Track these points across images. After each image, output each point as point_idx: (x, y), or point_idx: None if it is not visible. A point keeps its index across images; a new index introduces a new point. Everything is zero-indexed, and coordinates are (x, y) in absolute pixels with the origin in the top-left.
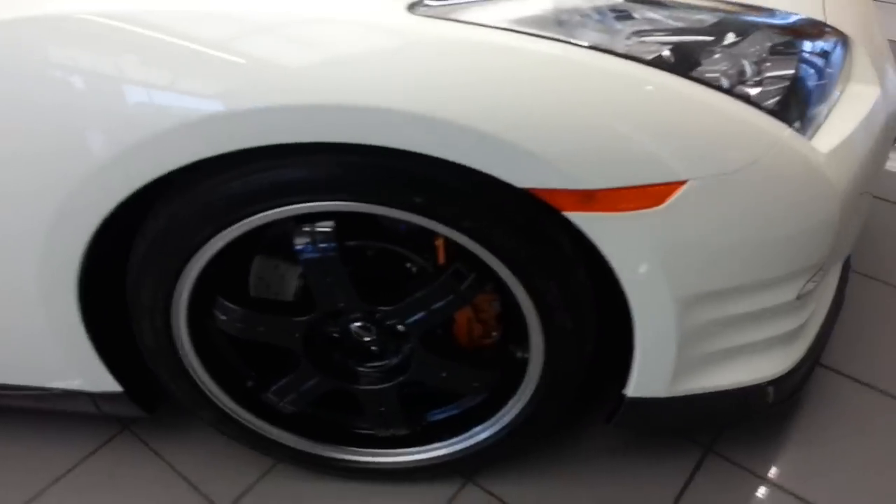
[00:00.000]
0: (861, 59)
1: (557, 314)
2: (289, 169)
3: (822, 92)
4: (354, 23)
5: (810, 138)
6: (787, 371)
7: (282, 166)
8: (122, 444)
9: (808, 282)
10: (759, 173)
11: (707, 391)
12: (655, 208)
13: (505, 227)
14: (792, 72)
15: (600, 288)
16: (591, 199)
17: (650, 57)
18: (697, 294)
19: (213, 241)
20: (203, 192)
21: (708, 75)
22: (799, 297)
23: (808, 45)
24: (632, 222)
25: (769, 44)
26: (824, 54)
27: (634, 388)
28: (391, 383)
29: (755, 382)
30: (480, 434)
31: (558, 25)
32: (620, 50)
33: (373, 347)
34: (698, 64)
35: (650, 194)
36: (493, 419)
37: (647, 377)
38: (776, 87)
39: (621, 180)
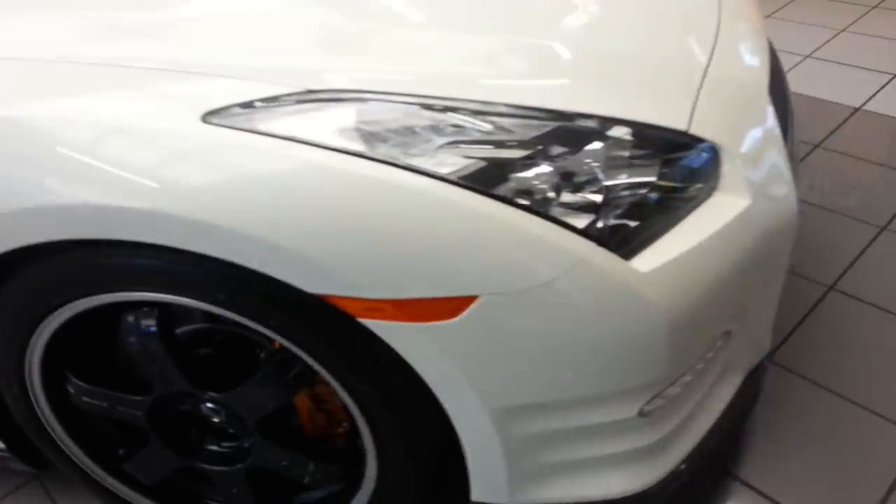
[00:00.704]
0: (733, 168)
1: (379, 415)
2: (107, 260)
3: (660, 206)
4: (147, 130)
5: (633, 254)
6: (646, 488)
7: (101, 257)
8: (26, 495)
9: (653, 398)
10: (560, 291)
11: (553, 502)
12: (450, 321)
13: (309, 329)
14: (628, 181)
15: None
16: (380, 308)
17: (449, 170)
18: (512, 406)
19: (52, 316)
20: (32, 274)
21: (514, 190)
22: (642, 414)
23: (650, 158)
24: (429, 333)
25: (607, 156)
26: (669, 167)
27: (476, 492)
28: (237, 466)
29: (607, 498)
30: None
31: (359, 136)
32: (417, 163)
33: (229, 430)
34: (505, 179)
35: (442, 307)
36: None
37: (485, 482)
38: (607, 200)
39: (410, 292)
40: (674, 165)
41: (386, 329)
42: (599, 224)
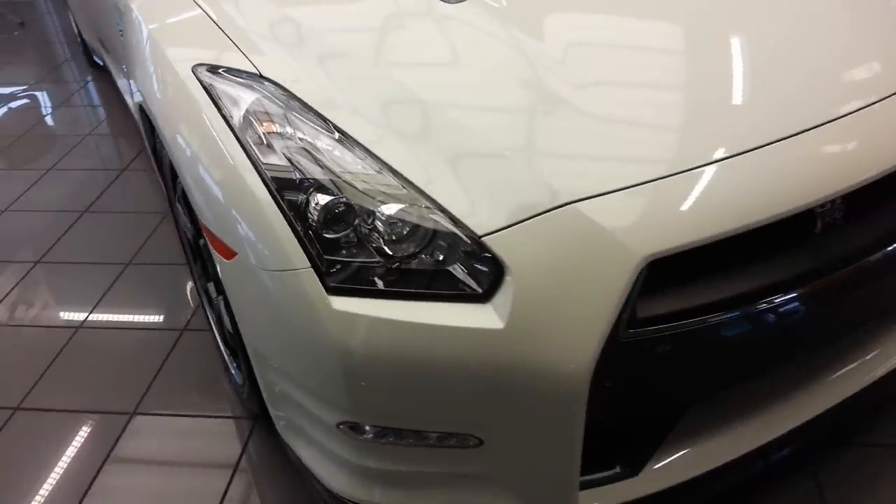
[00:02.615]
0: (507, 295)
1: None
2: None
3: (407, 278)
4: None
5: (344, 294)
6: (342, 496)
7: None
8: None
9: (353, 425)
10: (275, 282)
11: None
12: (227, 261)
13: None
14: (393, 246)
15: None
16: (208, 235)
17: (273, 162)
18: (255, 350)
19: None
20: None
21: (296, 200)
22: (341, 430)
23: (427, 238)
24: (220, 264)
25: (392, 217)
26: (447, 255)
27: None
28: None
29: (319, 479)
30: None
31: (245, 116)
32: (256, 147)
33: None
34: (298, 189)
35: (225, 249)
36: None
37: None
38: (351, 247)
39: (216, 230)
40: (453, 256)
41: (212, 251)
42: (328, 258)
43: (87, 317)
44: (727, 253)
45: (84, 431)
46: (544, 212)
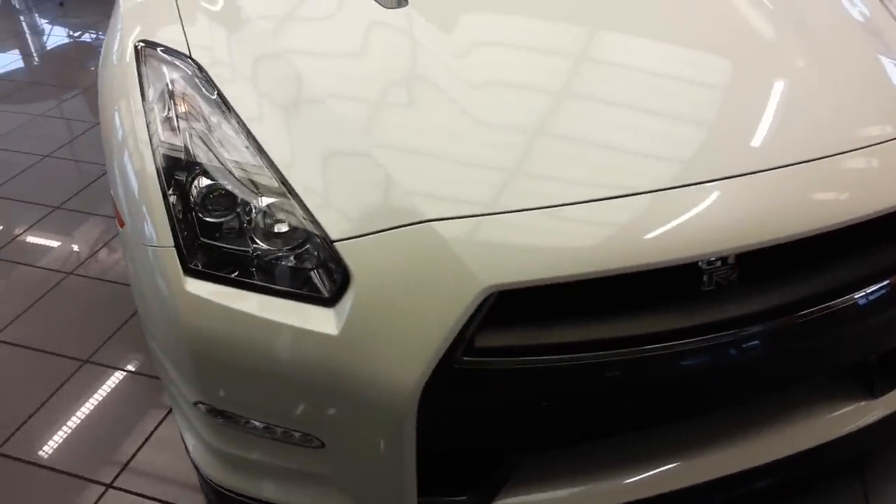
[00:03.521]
0: (347, 303)
1: None
2: None
3: (269, 273)
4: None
5: (202, 279)
6: (206, 473)
7: None
8: None
9: (207, 406)
10: (146, 255)
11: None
12: (120, 228)
13: None
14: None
15: None
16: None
17: (167, 140)
18: (141, 319)
19: None
20: None
21: (181, 181)
22: (198, 408)
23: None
24: (119, 230)
25: (260, 209)
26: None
27: None
28: None
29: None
30: None
31: (164, 89)
32: (160, 122)
33: None
34: (184, 169)
35: (118, 215)
36: None
37: None
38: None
39: (113, 192)
40: (314, 259)
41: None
42: (190, 242)
43: (79, 265)
44: (612, 295)
45: (36, 370)
46: (400, 226)
